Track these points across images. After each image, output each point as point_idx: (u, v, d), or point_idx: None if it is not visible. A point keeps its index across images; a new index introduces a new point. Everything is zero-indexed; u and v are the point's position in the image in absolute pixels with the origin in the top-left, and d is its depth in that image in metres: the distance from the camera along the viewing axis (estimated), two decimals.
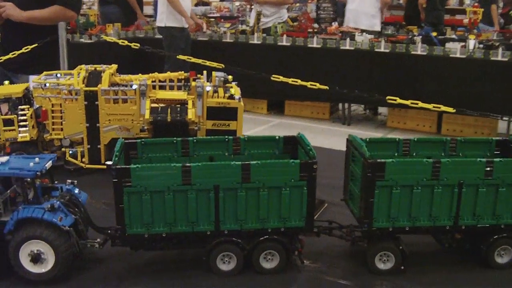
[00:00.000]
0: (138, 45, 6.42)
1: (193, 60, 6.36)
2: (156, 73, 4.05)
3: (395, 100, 4.84)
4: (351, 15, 10.66)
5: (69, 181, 2.83)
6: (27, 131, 3.84)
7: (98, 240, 2.76)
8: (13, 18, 6.08)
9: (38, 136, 3.93)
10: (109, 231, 2.72)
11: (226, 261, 2.68)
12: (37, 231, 2.54)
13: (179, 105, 3.70)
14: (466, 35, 10.14)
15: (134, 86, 3.78)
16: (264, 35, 10.29)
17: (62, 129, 3.87)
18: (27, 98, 3.96)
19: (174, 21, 9.00)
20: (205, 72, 4.09)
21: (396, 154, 3.06)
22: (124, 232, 2.59)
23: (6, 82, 4.18)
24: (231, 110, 3.81)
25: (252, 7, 11.14)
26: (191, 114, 3.57)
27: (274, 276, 2.70)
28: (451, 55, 8.81)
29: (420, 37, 9.44)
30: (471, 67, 8.69)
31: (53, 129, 3.87)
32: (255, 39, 10.22)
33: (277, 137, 3.02)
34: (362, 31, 9.66)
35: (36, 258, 2.55)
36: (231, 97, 3.85)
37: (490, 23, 12.10)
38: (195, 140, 2.96)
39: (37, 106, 3.88)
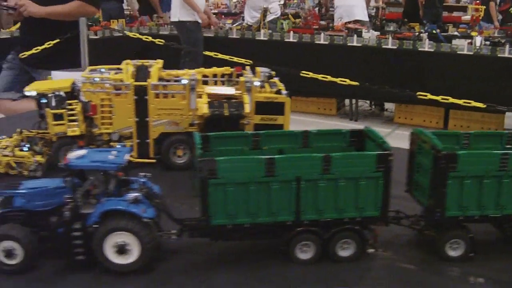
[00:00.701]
0: (163, 41, 6.48)
1: (220, 56, 6.43)
2: (202, 68, 4.09)
3: (425, 95, 4.95)
4: (343, 10, 10.87)
5: (142, 174, 2.86)
6: (77, 125, 3.85)
7: (173, 231, 2.80)
8: (34, 15, 6.06)
9: (86, 131, 3.95)
10: (188, 222, 2.77)
11: (305, 250, 2.74)
12: (122, 223, 2.57)
13: (234, 100, 3.74)
14: (469, 32, 10.32)
15: (184, 81, 3.82)
16: (270, 31, 10.34)
17: (111, 124, 3.89)
18: (74, 92, 3.98)
19: (188, 15, 9.03)
20: (248, 67, 4.15)
21: (457, 147, 3.15)
22: (208, 223, 2.64)
23: (49, 77, 4.18)
24: (279, 104, 3.87)
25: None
26: (248, 109, 3.61)
27: (350, 264, 2.77)
28: (458, 52, 8.93)
29: (426, 34, 9.56)
30: (478, 64, 8.84)
31: (102, 124, 3.89)
32: (262, 36, 10.26)
33: (343, 131, 3.09)
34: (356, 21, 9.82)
35: (122, 249, 2.58)
36: (278, 92, 3.91)
37: (489, 20, 12.31)
38: (265, 134, 3.01)
39: (86, 100, 3.89)
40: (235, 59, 5.72)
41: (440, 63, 9.05)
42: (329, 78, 5.09)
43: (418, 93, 4.84)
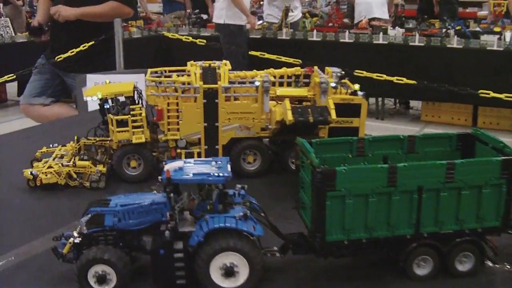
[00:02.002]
0: (205, 41, 6.26)
1: (267, 56, 6.21)
2: (271, 68, 3.87)
3: (488, 93, 4.75)
4: (362, 8, 10.73)
5: (239, 186, 2.62)
6: (142, 131, 3.63)
7: (275, 248, 2.59)
8: (69, 18, 5.84)
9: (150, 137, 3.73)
10: (296, 238, 2.55)
11: (422, 265, 2.53)
12: (231, 242, 2.34)
13: (317, 105, 3.52)
14: (491, 27, 10.14)
15: (257, 83, 3.60)
16: (291, 30, 10.13)
17: (178, 129, 3.66)
18: (137, 97, 3.75)
19: (234, 18, 8.84)
20: (315, 67, 3.93)
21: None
22: (323, 239, 2.42)
23: (107, 80, 3.95)
24: (355, 106, 3.66)
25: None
26: (334, 115, 3.39)
27: (469, 279, 2.57)
28: (488, 48, 8.75)
29: (453, 30, 9.39)
30: (509, 59, 8.67)
31: (169, 130, 3.67)
32: (284, 35, 10.04)
33: (450, 134, 2.89)
34: (373, 19, 9.66)
35: (229, 272, 2.36)
36: (354, 93, 3.70)
37: (507, 16, 12.13)
38: (370, 139, 2.80)
39: (152, 105, 3.67)
40: (283, 59, 5.50)
41: (469, 59, 8.86)
42: (385, 77, 4.89)
43: (480, 91, 4.64)
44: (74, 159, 3.62)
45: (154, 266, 2.42)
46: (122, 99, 3.70)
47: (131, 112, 3.63)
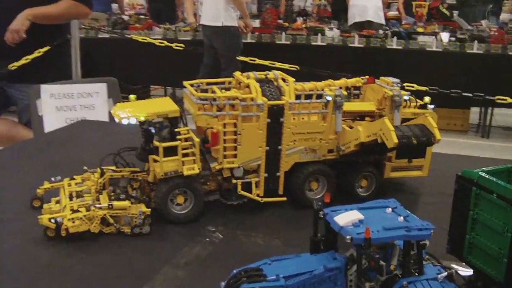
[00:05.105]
0: (183, 45, 5.52)
1: (258, 61, 5.61)
2: (330, 80, 3.35)
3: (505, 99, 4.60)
4: (356, 10, 10.54)
5: None
6: (194, 161, 2.94)
7: None
8: (24, 27, 4.86)
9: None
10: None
11: None
12: None
13: (417, 123, 3.06)
14: (414, 28, 10.34)
15: (329, 98, 3.07)
16: None
17: (235, 156, 3.02)
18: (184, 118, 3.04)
19: (232, 20, 8.07)
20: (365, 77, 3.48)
21: None
22: None
23: (132, 96, 3.18)
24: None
25: None
26: (439, 135, 2.95)
27: None
28: (427, 48, 8.88)
29: (390, 31, 9.43)
30: (448, 60, 8.86)
31: (225, 156, 3.01)
32: None
33: None
34: (369, 22, 9.48)
35: None
36: (424, 106, 3.31)
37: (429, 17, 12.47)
38: None
39: (204, 127, 2.99)
40: (278, 65, 4.97)
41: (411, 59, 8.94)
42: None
43: (496, 97, 4.50)
44: (111, 200, 2.84)
45: None
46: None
47: (177, 137, 2.92)
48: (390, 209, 1.96)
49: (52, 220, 2.72)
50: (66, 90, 4.95)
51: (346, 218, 1.88)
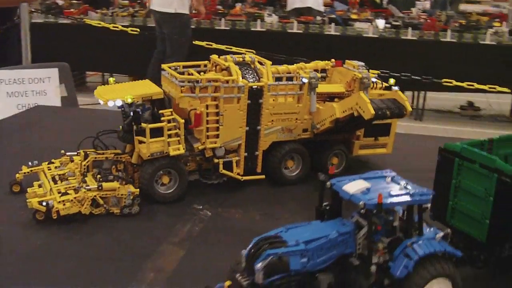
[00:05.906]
0: (138, 30, 5.48)
1: (215, 46, 5.63)
2: (302, 63, 3.50)
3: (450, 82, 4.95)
4: None
5: None
6: (178, 141, 3.02)
7: None
8: None
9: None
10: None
11: None
12: (438, 268, 2.02)
13: (389, 98, 3.26)
14: (348, 15, 10.68)
15: (304, 80, 3.22)
16: None
17: (217, 136, 3.12)
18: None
19: (185, 7, 7.93)
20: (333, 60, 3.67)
21: None
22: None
23: (111, 79, 3.19)
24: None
25: None
26: (409, 107, 3.17)
27: None
28: (364, 35, 9.23)
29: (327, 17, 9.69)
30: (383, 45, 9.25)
31: (207, 137, 3.10)
32: None
33: None
34: (308, 8, 9.63)
35: None
36: (389, 87, 3.53)
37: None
38: (496, 139, 2.64)
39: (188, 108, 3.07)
40: (234, 49, 5.07)
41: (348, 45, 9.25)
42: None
43: (443, 79, 4.83)
44: (99, 181, 2.87)
45: None
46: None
47: (162, 118, 2.99)
48: (389, 178, 2.14)
49: (44, 203, 2.72)
50: (17, 76, 4.82)
51: (355, 186, 2.04)
